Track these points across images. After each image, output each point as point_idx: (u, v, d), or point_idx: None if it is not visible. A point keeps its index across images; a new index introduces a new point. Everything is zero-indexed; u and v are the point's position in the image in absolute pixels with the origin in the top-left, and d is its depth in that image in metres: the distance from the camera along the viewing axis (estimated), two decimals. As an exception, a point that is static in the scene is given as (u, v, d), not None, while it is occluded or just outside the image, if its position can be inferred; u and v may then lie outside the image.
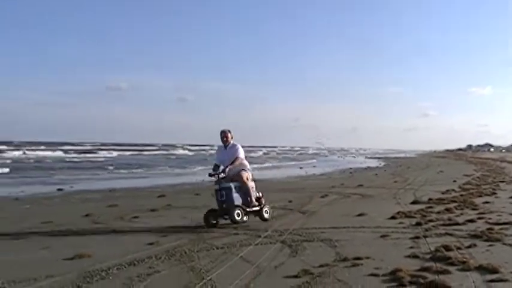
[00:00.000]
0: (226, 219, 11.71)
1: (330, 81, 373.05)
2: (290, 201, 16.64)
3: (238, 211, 11.62)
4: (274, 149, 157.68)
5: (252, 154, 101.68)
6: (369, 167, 50.93)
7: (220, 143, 12.41)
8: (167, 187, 25.34)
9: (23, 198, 19.53)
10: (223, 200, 11.74)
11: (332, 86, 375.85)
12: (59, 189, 23.71)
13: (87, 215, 13.95)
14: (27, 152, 76.51)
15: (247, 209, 11.90)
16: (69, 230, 11.54)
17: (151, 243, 9.55)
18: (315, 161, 75.72)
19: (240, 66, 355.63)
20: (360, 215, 13.08)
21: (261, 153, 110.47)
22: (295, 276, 6.90)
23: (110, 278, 7.12)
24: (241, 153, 12.23)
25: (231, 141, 12.36)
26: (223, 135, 12.34)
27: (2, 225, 12.38)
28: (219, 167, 12.20)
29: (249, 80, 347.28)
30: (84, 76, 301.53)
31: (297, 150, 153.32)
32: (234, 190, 11.82)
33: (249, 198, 11.97)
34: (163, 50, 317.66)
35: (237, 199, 11.83)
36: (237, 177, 11.97)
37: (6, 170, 39.86)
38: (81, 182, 29.17)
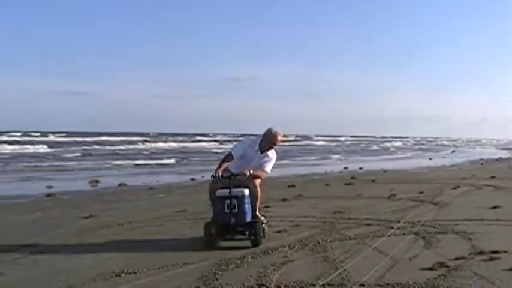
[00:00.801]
0: (229, 238, 8.98)
1: (462, 71, 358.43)
2: (421, 192, 16.32)
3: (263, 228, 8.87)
4: (408, 139, 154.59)
5: (387, 144, 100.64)
6: (500, 158, 48.67)
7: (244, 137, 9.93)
8: (296, 177, 25.41)
9: (158, 188, 20.34)
10: (235, 213, 8.66)
11: (462, 75, 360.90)
12: (192, 179, 24.50)
13: (219, 205, 14.25)
14: (170, 143, 77.72)
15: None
16: (202, 218, 11.90)
17: (280, 231, 9.78)
18: (447, 152, 73.47)
19: (354, 55, 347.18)
20: (494, 207, 12.61)
21: (396, 144, 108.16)
22: (431, 269, 6.83)
23: (245, 266, 7.34)
24: (270, 167, 9.39)
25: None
26: (275, 140, 9.33)
27: (138, 214, 12.93)
28: (232, 159, 9.45)
29: (367, 69, 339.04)
30: (198, 68, 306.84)
31: (430, 141, 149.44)
32: (247, 200, 8.80)
33: (255, 211, 9.06)
34: (280, 40, 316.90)
35: (249, 212, 8.83)
36: (249, 179, 8.96)
37: (173, 161, 41.05)
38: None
